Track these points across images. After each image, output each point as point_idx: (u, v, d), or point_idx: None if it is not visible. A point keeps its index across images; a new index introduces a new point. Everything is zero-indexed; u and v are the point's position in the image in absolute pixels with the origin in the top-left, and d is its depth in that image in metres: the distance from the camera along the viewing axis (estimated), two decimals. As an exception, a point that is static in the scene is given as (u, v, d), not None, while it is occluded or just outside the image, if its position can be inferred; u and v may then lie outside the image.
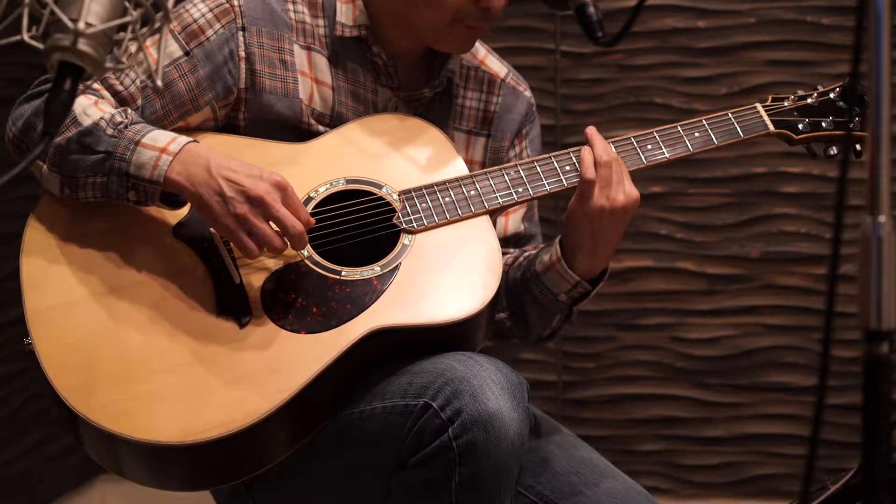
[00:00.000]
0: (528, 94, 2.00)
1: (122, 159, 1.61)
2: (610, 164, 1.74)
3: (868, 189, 1.06)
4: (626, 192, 1.75)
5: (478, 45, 1.95)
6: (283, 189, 1.62)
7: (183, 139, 1.64)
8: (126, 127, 1.63)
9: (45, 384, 1.58)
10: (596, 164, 1.75)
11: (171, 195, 1.65)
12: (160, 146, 1.62)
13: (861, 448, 1.06)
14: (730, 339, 3.19)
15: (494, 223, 1.91)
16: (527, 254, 1.89)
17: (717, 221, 3.17)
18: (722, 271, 3.17)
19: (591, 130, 1.79)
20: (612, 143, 1.81)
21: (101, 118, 1.64)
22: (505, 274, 1.85)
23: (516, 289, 1.86)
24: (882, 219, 1.05)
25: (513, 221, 1.97)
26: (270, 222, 1.62)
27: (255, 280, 1.68)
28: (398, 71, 1.86)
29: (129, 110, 1.68)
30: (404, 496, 1.61)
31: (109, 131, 1.63)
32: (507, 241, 1.96)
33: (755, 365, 3.18)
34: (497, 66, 1.98)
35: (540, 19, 3.18)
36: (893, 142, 1.07)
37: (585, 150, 1.77)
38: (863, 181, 1.07)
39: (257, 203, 1.60)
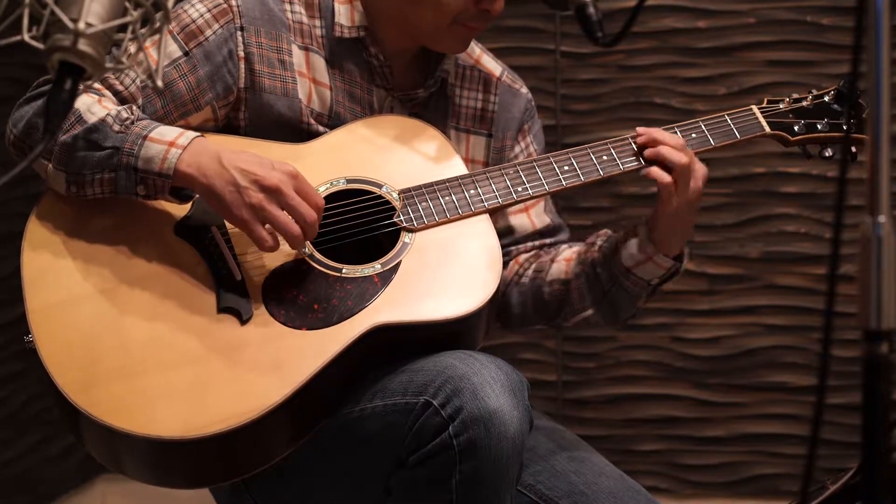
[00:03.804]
0: (524, 90, 2.01)
1: (130, 154, 1.62)
2: (687, 165, 1.77)
3: (868, 189, 1.06)
4: (701, 176, 1.79)
5: (473, 44, 1.96)
6: (294, 177, 1.63)
7: (191, 133, 1.64)
8: (133, 123, 1.64)
9: (46, 381, 1.58)
10: (668, 167, 1.77)
11: (179, 189, 1.66)
12: (168, 140, 1.62)
13: (861, 448, 1.06)
14: (730, 339, 3.19)
15: (512, 226, 1.95)
16: (598, 246, 1.89)
17: (717, 221, 3.17)
18: (722, 271, 3.17)
19: (648, 131, 1.81)
20: (609, 143, 1.82)
21: (108, 115, 1.64)
22: (584, 272, 1.88)
23: (601, 284, 1.87)
24: (882, 219, 1.05)
25: (536, 216, 1.99)
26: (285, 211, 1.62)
27: (255, 277, 1.68)
28: (393, 72, 1.87)
29: (134, 107, 1.69)
30: (405, 494, 1.61)
31: (116, 127, 1.63)
32: (539, 235, 1.99)
33: (755, 365, 3.18)
34: (492, 64, 1.99)
35: (540, 19, 3.18)
36: (893, 142, 1.08)
37: (656, 156, 1.78)
38: (863, 181, 1.07)
39: (272, 192, 1.61)
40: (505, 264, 1.96)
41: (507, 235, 1.97)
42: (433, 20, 1.78)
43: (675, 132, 1.84)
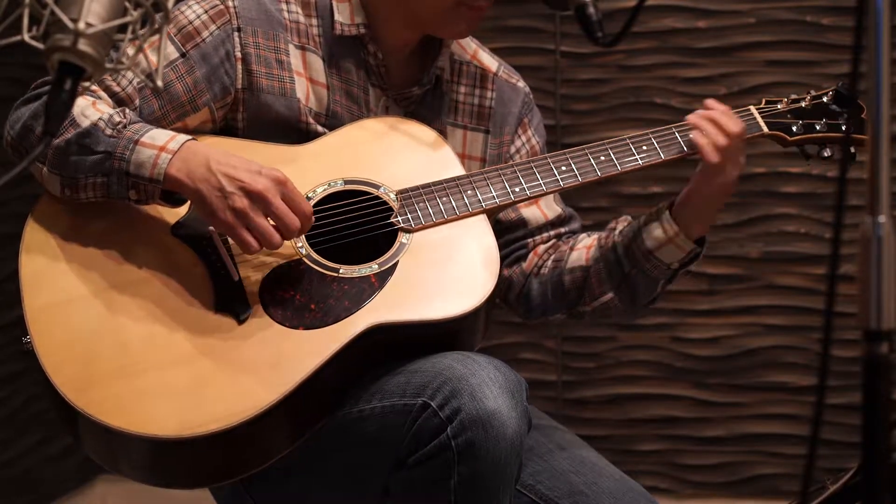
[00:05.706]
0: (521, 84, 2.01)
1: (122, 159, 1.62)
2: (736, 139, 1.80)
3: (868, 189, 1.06)
4: (743, 159, 1.82)
5: (469, 40, 1.96)
6: (282, 184, 1.63)
7: (182, 137, 1.64)
8: (125, 126, 1.64)
9: (44, 381, 1.58)
10: (717, 146, 1.79)
11: (172, 193, 1.66)
12: (159, 144, 1.62)
13: (861, 448, 1.06)
14: (730, 339, 3.19)
15: (525, 218, 1.96)
16: (618, 230, 1.90)
17: (717, 221, 3.16)
18: (722, 271, 3.17)
19: (710, 104, 1.83)
20: (608, 144, 1.83)
21: (100, 119, 1.64)
22: (603, 256, 1.89)
23: (622, 268, 1.87)
24: (882, 219, 1.05)
25: (546, 207, 1.99)
26: (269, 219, 1.62)
27: (253, 277, 1.68)
28: (389, 71, 1.87)
29: (128, 110, 1.69)
30: (403, 495, 1.61)
31: (108, 131, 1.63)
32: (552, 225, 1.99)
33: (755, 365, 3.18)
34: (489, 60, 1.99)
35: (540, 19, 3.18)
36: (893, 142, 1.07)
37: (698, 135, 1.80)
38: (863, 181, 1.07)
39: (257, 198, 1.61)
40: (523, 257, 1.98)
41: (520, 227, 1.97)
42: (435, 3, 1.78)
43: (674, 133, 1.84)
